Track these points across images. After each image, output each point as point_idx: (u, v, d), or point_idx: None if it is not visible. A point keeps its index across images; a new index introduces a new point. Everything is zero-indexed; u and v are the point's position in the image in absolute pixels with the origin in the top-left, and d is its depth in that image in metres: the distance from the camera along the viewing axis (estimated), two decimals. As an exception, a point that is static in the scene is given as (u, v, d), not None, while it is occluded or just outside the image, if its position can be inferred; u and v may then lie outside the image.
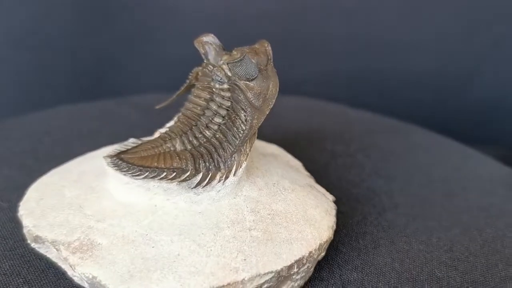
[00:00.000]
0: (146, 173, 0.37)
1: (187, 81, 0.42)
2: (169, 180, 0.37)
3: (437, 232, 0.45)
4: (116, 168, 0.37)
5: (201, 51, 0.40)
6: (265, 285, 0.34)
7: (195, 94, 0.41)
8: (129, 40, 0.81)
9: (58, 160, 0.47)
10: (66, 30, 0.81)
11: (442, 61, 0.78)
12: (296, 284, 0.36)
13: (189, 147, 0.38)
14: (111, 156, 0.38)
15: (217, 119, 0.39)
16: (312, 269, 0.38)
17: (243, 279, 0.32)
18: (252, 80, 0.38)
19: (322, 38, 0.83)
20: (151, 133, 0.42)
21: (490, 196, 0.51)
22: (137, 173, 0.37)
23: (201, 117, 0.39)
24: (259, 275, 0.33)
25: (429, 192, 0.51)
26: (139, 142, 0.39)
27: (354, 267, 0.40)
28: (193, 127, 0.39)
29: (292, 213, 0.38)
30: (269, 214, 0.38)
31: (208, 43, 0.40)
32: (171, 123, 0.42)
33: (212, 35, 0.41)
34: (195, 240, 0.34)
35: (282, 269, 0.34)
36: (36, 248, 0.37)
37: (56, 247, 0.34)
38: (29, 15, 0.78)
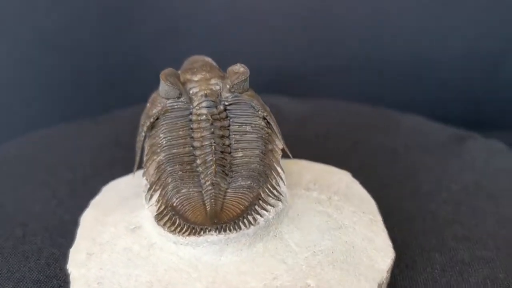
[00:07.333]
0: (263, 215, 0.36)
1: (143, 132, 0.40)
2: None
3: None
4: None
5: (175, 86, 0.39)
6: None
7: (170, 136, 0.39)
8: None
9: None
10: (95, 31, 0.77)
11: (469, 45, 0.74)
12: None
13: (228, 179, 0.38)
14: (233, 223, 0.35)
15: (226, 141, 0.39)
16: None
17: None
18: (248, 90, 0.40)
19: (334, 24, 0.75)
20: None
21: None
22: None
23: (211, 148, 0.38)
24: None
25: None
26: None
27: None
28: (214, 161, 0.38)
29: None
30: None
31: (171, 76, 0.39)
32: (148, 179, 0.38)
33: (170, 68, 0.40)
34: (343, 238, 0.38)
35: None
36: None
37: None
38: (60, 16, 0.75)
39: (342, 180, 0.44)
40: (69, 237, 0.45)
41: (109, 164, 0.57)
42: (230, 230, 0.35)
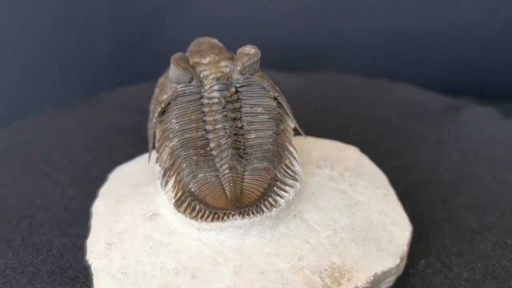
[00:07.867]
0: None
1: (155, 118, 0.39)
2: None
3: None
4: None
5: (187, 71, 0.38)
6: None
7: (182, 120, 0.38)
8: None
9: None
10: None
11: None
12: None
13: (244, 161, 0.38)
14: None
15: (239, 124, 0.39)
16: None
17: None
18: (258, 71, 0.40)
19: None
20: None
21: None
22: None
23: (224, 131, 0.38)
24: None
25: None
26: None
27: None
28: (229, 144, 0.38)
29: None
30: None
31: (182, 60, 0.38)
32: (162, 164, 0.38)
33: (180, 52, 0.39)
34: (361, 214, 0.38)
35: None
36: None
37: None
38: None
39: (351, 155, 0.45)
40: (77, 226, 0.45)
41: (106, 149, 0.56)
42: (253, 214, 0.35)
